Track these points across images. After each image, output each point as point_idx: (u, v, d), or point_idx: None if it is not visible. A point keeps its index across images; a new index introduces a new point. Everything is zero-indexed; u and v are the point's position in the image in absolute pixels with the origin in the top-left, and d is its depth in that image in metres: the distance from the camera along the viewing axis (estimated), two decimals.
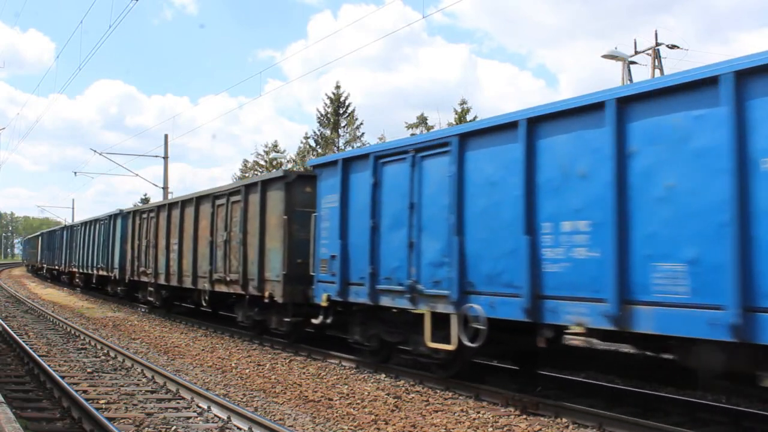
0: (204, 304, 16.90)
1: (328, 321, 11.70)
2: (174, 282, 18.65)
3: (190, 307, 20.64)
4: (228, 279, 14.99)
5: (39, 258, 50.65)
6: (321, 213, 11.73)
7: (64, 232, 37.07)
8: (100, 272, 27.38)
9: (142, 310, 22.23)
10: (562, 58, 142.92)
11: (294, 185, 12.98)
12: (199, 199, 17.31)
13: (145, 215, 21.91)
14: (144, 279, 21.57)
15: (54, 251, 41.04)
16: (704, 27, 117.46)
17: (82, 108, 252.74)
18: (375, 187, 10.41)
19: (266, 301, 13.30)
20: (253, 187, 14.20)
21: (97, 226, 28.31)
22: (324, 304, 11.43)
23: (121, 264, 24.18)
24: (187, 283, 17.64)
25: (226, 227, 15.24)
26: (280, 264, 12.76)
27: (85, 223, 31.19)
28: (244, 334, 15.26)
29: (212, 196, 16.32)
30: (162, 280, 19.77)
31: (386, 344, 10.82)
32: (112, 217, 25.91)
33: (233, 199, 15.12)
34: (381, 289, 10.18)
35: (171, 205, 19.44)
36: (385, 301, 10.16)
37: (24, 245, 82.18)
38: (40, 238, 51.39)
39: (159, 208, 20.56)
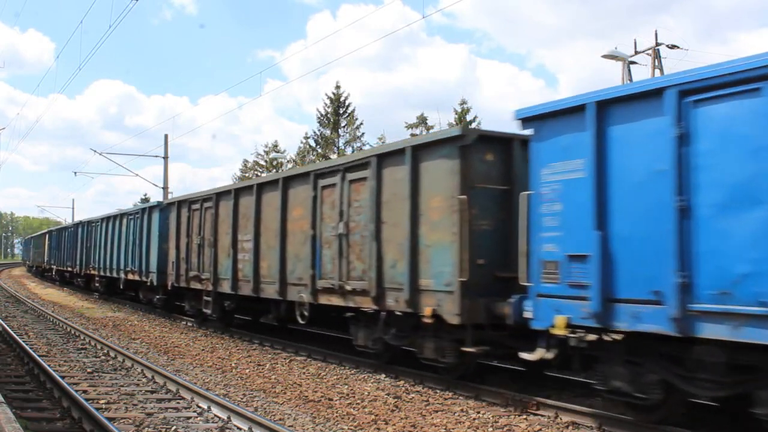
0: (301, 321, 12.63)
1: (550, 356, 7.85)
2: (246, 291, 14.38)
3: (246, 319, 17.06)
4: (347, 288, 10.96)
5: (46, 258, 45.10)
6: (542, 190, 7.79)
7: (80, 229, 32.07)
8: (130, 276, 22.89)
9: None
10: (561, 58, 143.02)
11: (472, 151, 8.99)
12: (288, 180, 13.09)
13: (196, 206, 17.20)
14: (196, 286, 17.02)
15: (66, 251, 36.33)
16: (703, 27, 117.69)
17: (81, 108, 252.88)
18: (681, 143, 6.48)
19: (428, 321, 9.23)
20: (394, 156, 10.14)
21: (125, 221, 23.91)
22: (560, 331, 7.44)
23: (160, 267, 19.78)
24: (269, 292, 13.48)
25: (342, 216, 11.21)
26: (453, 267, 8.78)
27: (107, 218, 26.53)
28: (244, 334, 15.26)
29: (313, 175, 12.08)
30: (226, 288, 15.31)
31: (676, 395, 7.08)
32: (147, 209, 21.59)
33: (353, 176, 11.03)
34: (704, 311, 6.22)
35: (239, 191, 15.06)
36: (716, 332, 6.16)
37: (26, 244, 76.20)
38: (47, 236, 45.62)
39: (219, 195, 15.96)
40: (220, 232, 15.83)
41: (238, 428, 7.24)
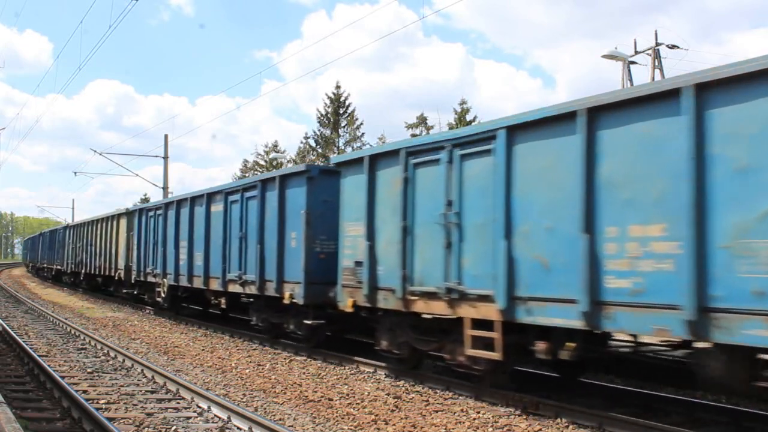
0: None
1: None
2: None
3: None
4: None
5: (126, 261, 23.57)
6: None
7: (248, 201, 14.40)
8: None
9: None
10: (558, 58, 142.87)
11: None
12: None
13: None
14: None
15: (203, 245, 16.31)
16: (699, 27, 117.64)
17: (79, 108, 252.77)
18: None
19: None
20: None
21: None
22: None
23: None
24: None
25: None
26: None
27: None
28: (245, 334, 15.24)
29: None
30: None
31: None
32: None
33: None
34: None
35: None
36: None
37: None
38: (127, 218, 24.02)
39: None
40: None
41: (238, 428, 7.24)
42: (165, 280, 19.12)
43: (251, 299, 14.74)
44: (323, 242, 12.19)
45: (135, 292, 23.21)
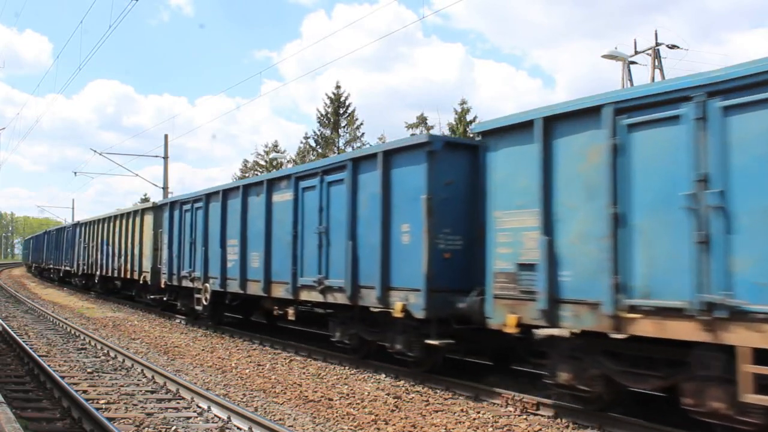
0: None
1: None
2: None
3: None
4: None
5: (162, 261, 19.40)
6: None
7: None
8: None
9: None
10: (557, 58, 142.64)
11: None
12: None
13: None
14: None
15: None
16: (699, 28, 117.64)
17: (78, 108, 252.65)
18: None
19: None
20: None
21: None
22: None
23: None
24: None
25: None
26: None
27: None
28: (245, 334, 15.24)
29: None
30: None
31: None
32: None
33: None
34: None
35: None
36: None
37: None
38: (154, 213, 21.44)
39: None
40: None
41: (238, 428, 7.25)
42: (207, 285, 16.08)
43: (331, 310, 12.05)
44: (447, 237, 9.55)
45: (164, 299, 19.86)
